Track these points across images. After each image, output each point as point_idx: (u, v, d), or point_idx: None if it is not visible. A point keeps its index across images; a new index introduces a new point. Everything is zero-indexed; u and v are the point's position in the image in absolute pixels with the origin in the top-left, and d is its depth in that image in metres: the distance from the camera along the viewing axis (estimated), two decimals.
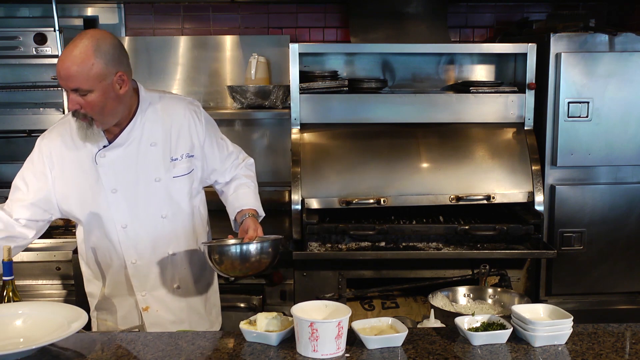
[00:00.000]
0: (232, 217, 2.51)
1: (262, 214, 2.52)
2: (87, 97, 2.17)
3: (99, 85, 2.17)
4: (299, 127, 3.48)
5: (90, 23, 3.98)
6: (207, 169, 2.50)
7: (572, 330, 1.90)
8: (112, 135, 2.33)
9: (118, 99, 2.25)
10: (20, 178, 2.38)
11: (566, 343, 1.89)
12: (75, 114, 2.22)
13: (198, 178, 2.47)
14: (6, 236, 2.30)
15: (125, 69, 2.26)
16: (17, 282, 2.16)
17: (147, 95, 2.40)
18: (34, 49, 3.58)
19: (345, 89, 3.58)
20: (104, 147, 2.32)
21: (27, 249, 3.25)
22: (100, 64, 2.16)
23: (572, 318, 1.90)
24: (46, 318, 1.92)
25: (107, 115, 2.25)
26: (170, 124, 2.40)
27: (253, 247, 2.24)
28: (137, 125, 2.35)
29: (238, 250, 2.24)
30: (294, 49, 3.42)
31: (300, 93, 3.46)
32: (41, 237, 3.45)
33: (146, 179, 2.36)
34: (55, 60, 3.52)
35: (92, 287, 2.53)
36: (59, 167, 2.36)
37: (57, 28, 3.52)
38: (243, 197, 2.50)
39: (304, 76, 3.55)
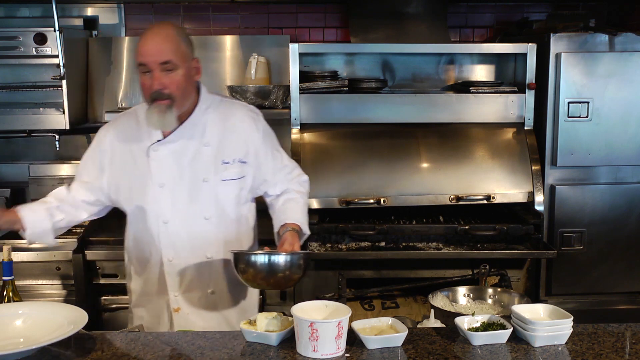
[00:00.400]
0: (275, 230, 2.45)
1: (306, 231, 2.44)
2: (173, 75, 2.22)
3: (184, 64, 2.25)
4: (299, 127, 3.48)
5: (91, 23, 3.99)
6: (259, 178, 2.47)
7: (572, 330, 1.90)
8: (167, 130, 2.36)
9: (192, 85, 2.33)
10: (83, 161, 2.46)
11: (566, 343, 1.89)
12: (157, 95, 2.22)
13: (248, 186, 2.44)
14: (59, 205, 2.37)
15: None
16: (17, 282, 2.16)
17: (208, 96, 2.43)
18: (34, 49, 3.58)
19: (345, 89, 3.58)
20: (158, 141, 2.35)
21: (27, 249, 3.27)
22: (184, 44, 2.27)
23: (572, 318, 1.90)
24: (46, 318, 1.92)
25: (186, 98, 2.31)
26: (227, 127, 2.40)
27: (281, 259, 2.12)
28: (193, 123, 2.36)
29: (265, 260, 2.11)
30: (294, 49, 3.43)
31: (300, 93, 3.46)
32: None
33: (194, 178, 2.36)
34: (55, 60, 3.56)
35: (132, 283, 2.53)
36: (114, 157, 2.40)
37: (57, 28, 3.52)
38: (289, 211, 2.44)
39: (304, 76, 3.55)
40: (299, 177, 2.56)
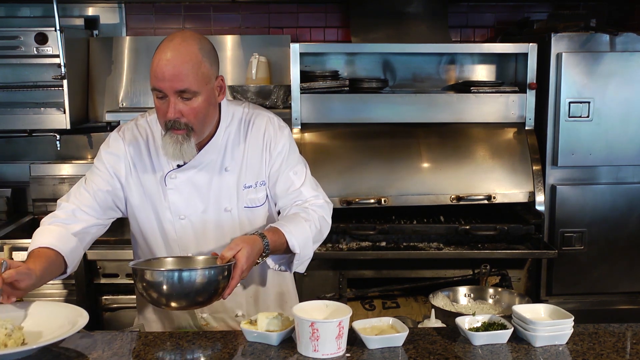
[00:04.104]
0: None
1: (295, 247, 2.03)
2: (192, 103, 1.94)
3: (205, 88, 1.96)
4: (299, 127, 3.48)
5: (91, 23, 3.99)
6: (272, 199, 2.21)
7: (572, 330, 1.89)
8: (186, 161, 2.09)
9: (215, 108, 2.04)
10: (89, 179, 2.15)
11: (567, 343, 1.89)
12: (173, 125, 1.96)
13: (275, 210, 2.21)
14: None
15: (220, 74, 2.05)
16: None
17: (229, 110, 2.14)
18: (34, 49, 3.58)
19: (345, 88, 3.59)
20: (178, 166, 2.10)
21: (27, 249, 3.26)
22: (206, 63, 1.96)
23: (573, 318, 1.89)
24: (46, 318, 1.92)
25: (207, 125, 2.03)
26: (247, 145, 2.14)
27: (180, 276, 1.81)
28: (216, 146, 2.11)
29: (162, 277, 1.82)
30: (295, 48, 3.43)
31: (301, 93, 3.46)
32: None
33: (216, 208, 2.13)
34: (56, 60, 3.56)
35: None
36: (129, 183, 2.14)
37: (58, 28, 3.52)
38: (279, 222, 2.08)
39: (305, 76, 3.55)
40: (311, 204, 2.18)
